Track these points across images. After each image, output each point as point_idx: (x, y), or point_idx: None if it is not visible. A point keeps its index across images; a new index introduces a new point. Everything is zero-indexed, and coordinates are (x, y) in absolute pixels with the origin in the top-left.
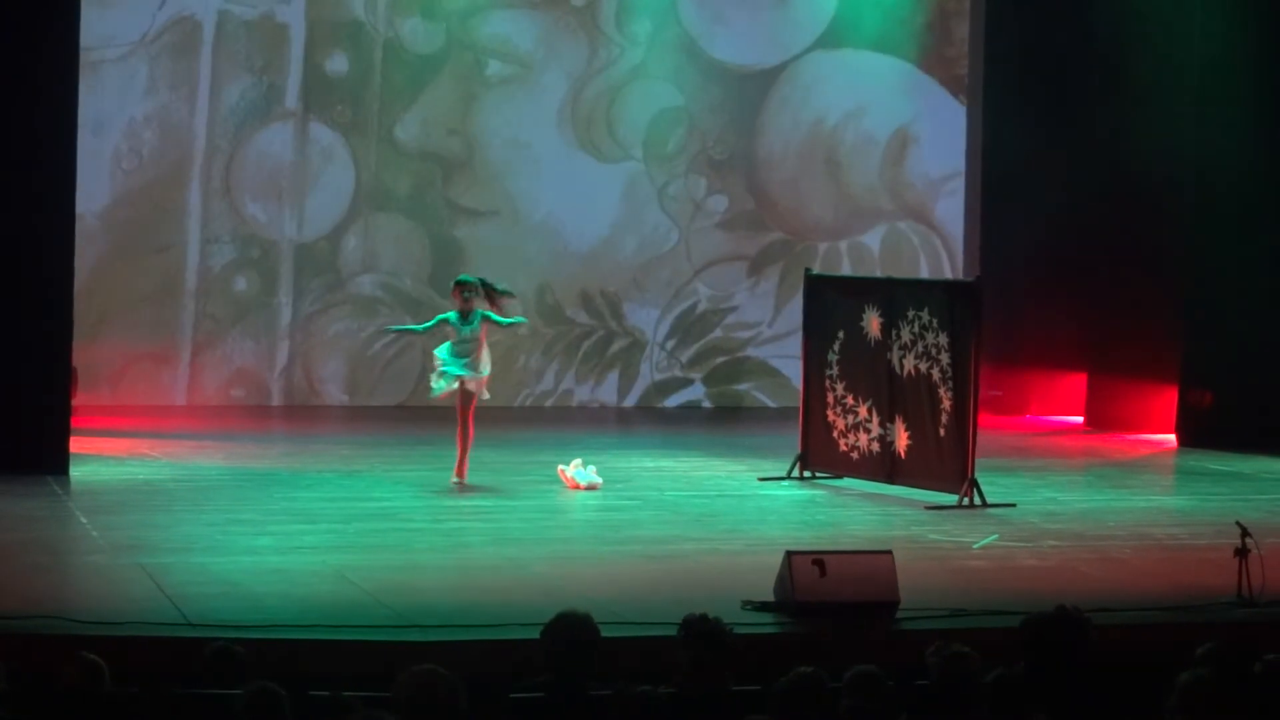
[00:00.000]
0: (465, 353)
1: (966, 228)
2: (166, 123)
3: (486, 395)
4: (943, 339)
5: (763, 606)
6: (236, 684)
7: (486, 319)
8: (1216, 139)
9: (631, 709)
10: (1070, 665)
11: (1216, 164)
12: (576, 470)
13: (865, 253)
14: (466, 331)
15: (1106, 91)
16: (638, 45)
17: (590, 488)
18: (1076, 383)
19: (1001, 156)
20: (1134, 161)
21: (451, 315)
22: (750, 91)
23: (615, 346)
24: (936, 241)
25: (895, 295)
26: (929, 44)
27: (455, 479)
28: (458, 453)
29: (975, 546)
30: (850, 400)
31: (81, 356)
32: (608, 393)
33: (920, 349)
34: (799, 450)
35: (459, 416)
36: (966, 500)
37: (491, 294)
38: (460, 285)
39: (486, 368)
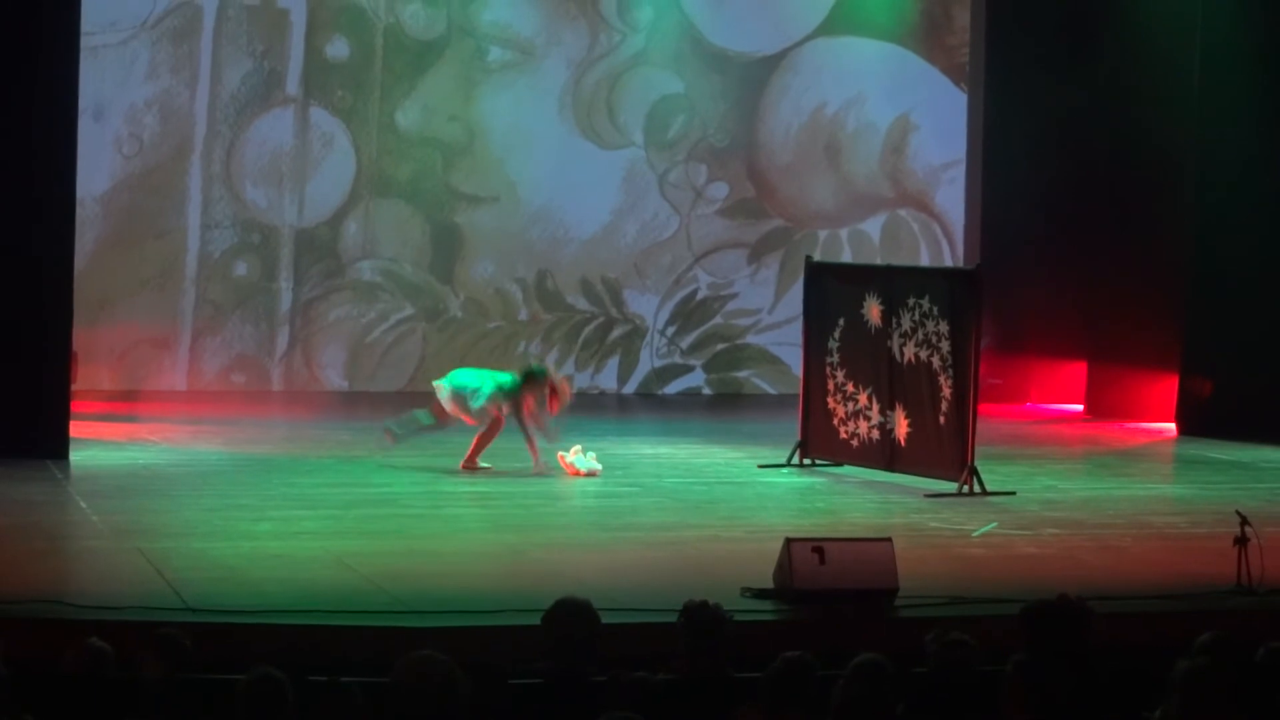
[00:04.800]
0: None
1: (967, 215)
2: (167, 107)
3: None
4: (943, 327)
5: (762, 593)
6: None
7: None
8: (1218, 126)
9: (630, 695)
10: (1070, 653)
11: (1218, 151)
12: (576, 457)
13: (866, 240)
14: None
15: (1107, 79)
16: (639, 32)
17: (590, 474)
18: (1077, 371)
19: (1002, 144)
20: (1135, 150)
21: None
22: (751, 78)
23: (615, 333)
24: (937, 229)
25: (896, 283)
26: (930, 31)
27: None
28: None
29: (975, 534)
30: (850, 388)
31: (81, 341)
32: (608, 379)
33: (920, 336)
34: (799, 437)
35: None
36: (966, 488)
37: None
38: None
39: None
